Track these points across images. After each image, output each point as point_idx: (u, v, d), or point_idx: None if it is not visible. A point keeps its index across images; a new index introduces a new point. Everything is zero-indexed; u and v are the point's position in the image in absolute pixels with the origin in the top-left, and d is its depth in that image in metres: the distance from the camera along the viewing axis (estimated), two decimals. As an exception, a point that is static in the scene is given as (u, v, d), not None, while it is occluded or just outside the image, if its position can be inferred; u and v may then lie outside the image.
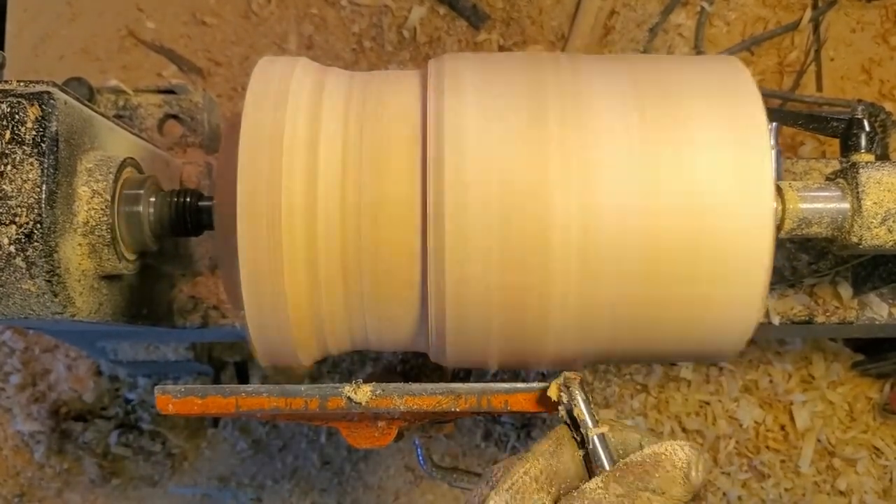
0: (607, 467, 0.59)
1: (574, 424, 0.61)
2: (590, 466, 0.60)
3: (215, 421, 1.26)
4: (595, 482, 0.57)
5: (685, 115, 0.66)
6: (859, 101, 1.05)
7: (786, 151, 1.26)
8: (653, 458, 0.57)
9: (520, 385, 0.66)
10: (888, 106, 1.18)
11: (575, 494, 0.56)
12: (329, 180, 0.63)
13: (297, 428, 1.26)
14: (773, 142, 0.82)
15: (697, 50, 1.30)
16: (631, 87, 0.67)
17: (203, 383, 0.92)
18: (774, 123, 0.84)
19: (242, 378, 1.22)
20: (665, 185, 0.63)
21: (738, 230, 0.64)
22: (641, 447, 0.61)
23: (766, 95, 1.22)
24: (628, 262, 0.64)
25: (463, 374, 0.91)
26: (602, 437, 0.60)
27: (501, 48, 1.33)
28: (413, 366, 1.20)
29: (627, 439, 0.62)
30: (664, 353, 0.73)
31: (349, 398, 0.66)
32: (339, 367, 1.28)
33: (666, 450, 0.57)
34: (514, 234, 0.63)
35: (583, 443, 0.60)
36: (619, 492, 0.55)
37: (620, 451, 0.62)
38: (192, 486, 1.27)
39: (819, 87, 1.31)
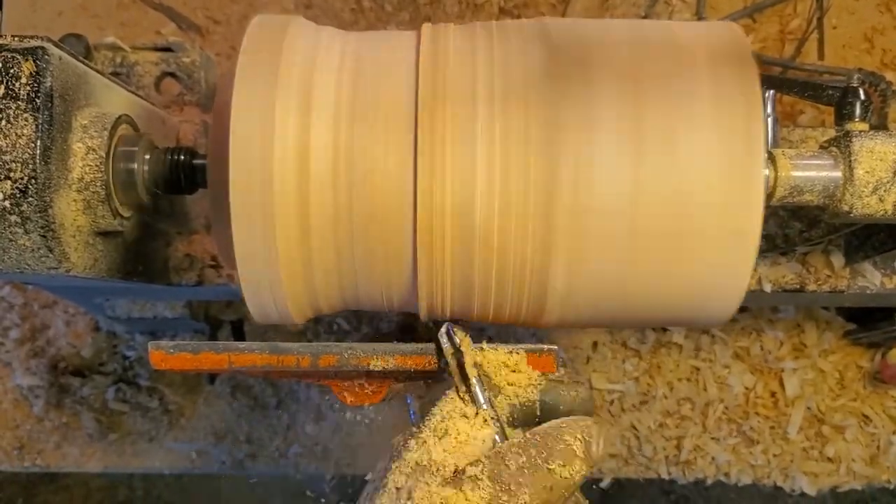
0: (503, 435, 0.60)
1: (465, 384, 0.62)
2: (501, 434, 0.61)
3: (212, 378, 1.28)
4: (494, 452, 0.57)
5: (677, 81, 0.66)
6: (860, 69, 1.04)
7: (785, 120, 1.25)
8: (554, 431, 0.58)
9: (510, 346, 0.67)
10: (889, 75, 1.18)
11: (478, 467, 0.57)
12: (321, 139, 0.63)
13: (293, 385, 1.28)
14: (768, 110, 0.83)
15: (699, 16, 1.29)
16: (626, 53, 0.67)
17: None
18: (771, 91, 0.84)
19: (238, 337, 1.23)
20: (653, 151, 0.64)
21: (728, 196, 0.64)
22: (553, 406, 0.62)
23: (767, 63, 1.23)
24: (617, 228, 0.64)
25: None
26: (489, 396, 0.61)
27: (502, 10, 1.32)
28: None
29: (529, 396, 0.63)
30: (654, 319, 0.74)
31: (341, 354, 0.67)
32: (333, 327, 1.29)
33: (567, 424, 0.58)
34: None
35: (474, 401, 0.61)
36: (521, 462, 0.56)
37: (521, 411, 0.63)
38: (188, 442, 1.28)
39: (821, 56, 1.30)
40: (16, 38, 0.65)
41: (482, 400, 0.61)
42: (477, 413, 0.61)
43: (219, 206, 0.64)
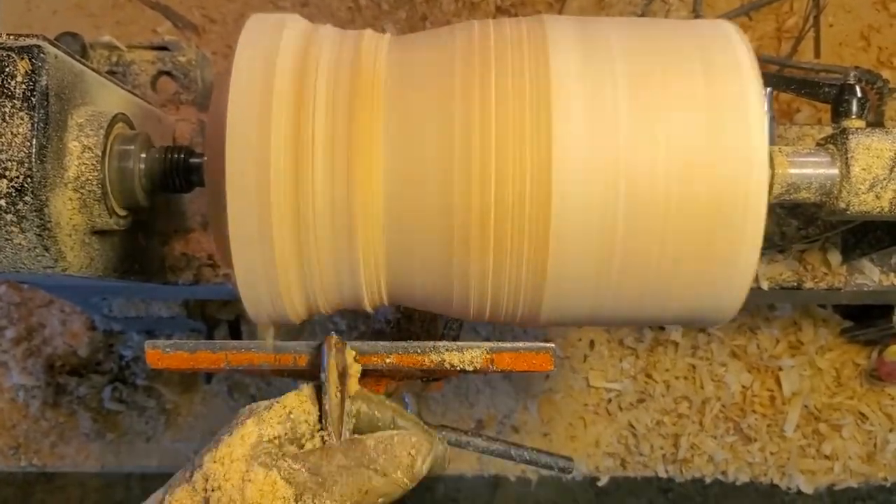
0: (337, 434, 0.61)
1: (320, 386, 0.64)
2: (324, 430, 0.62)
3: (208, 377, 1.28)
4: (321, 449, 0.60)
5: (678, 79, 0.65)
6: (856, 67, 1.05)
7: (781, 118, 1.26)
8: (385, 440, 0.60)
9: (505, 344, 0.67)
10: (886, 73, 1.18)
11: (298, 455, 0.59)
12: (318, 137, 0.63)
13: (290, 383, 1.28)
14: (766, 107, 0.82)
15: (696, 14, 1.29)
16: (622, 50, 0.67)
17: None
18: (769, 89, 0.84)
19: (235, 337, 1.23)
20: (655, 149, 0.63)
21: (730, 194, 0.64)
22: (395, 425, 0.64)
23: (764, 61, 1.23)
24: (617, 228, 0.64)
25: (454, 333, 0.92)
26: (341, 404, 0.63)
27: (499, 9, 1.32)
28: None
29: (383, 415, 0.65)
30: (655, 318, 0.74)
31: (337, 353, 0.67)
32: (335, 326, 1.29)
33: (399, 436, 0.60)
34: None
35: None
36: (342, 463, 0.58)
37: (372, 424, 0.64)
38: (185, 442, 1.28)
39: (817, 54, 1.30)
40: (11, 37, 0.65)
41: (330, 398, 0.63)
42: (321, 409, 0.63)
43: (216, 205, 0.64)
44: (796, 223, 0.93)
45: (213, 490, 0.58)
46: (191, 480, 0.59)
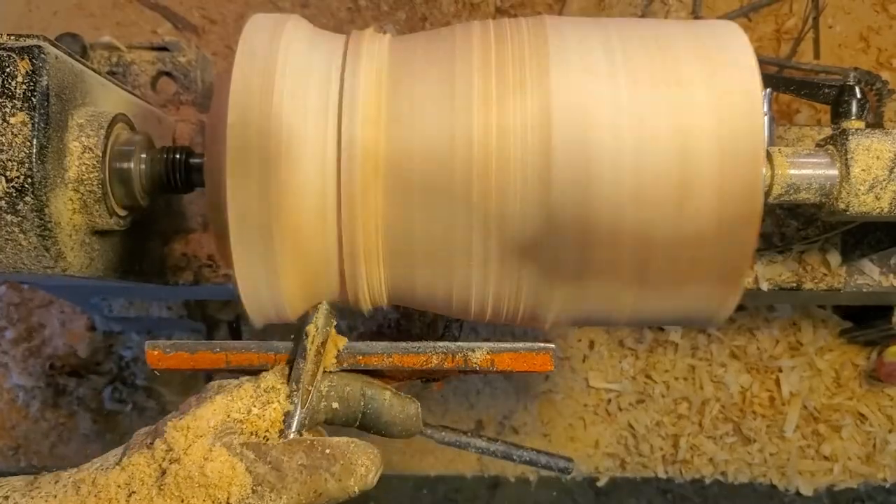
0: (298, 411, 0.62)
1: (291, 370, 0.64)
2: (287, 423, 0.62)
3: (209, 377, 1.27)
4: (284, 444, 0.60)
5: (678, 78, 0.65)
6: (856, 68, 1.05)
7: (781, 119, 1.26)
8: (345, 448, 0.60)
9: (505, 345, 0.67)
10: (885, 75, 1.18)
11: (261, 446, 0.59)
12: (318, 137, 0.63)
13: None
14: (765, 108, 0.83)
15: (695, 15, 1.29)
16: (623, 51, 0.67)
17: (195, 340, 0.93)
18: (768, 90, 0.84)
19: (235, 337, 1.23)
20: (654, 147, 0.63)
21: (727, 194, 0.64)
22: (363, 395, 0.65)
23: (763, 62, 1.22)
24: (618, 227, 0.64)
25: (455, 333, 0.92)
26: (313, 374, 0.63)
27: (499, 10, 1.32)
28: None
29: (352, 387, 0.65)
30: (651, 318, 0.74)
31: (338, 353, 0.67)
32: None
33: (357, 446, 0.61)
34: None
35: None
36: (302, 461, 0.58)
37: (342, 397, 0.65)
38: (185, 442, 1.28)
39: (817, 55, 1.30)
40: (12, 37, 0.65)
41: (306, 364, 0.64)
42: (290, 397, 0.63)
43: (216, 206, 0.64)
44: (796, 224, 0.94)
45: (171, 462, 0.57)
46: (151, 447, 0.58)
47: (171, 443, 0.58)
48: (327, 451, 0.60)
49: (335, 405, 0.65)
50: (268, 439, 0.61)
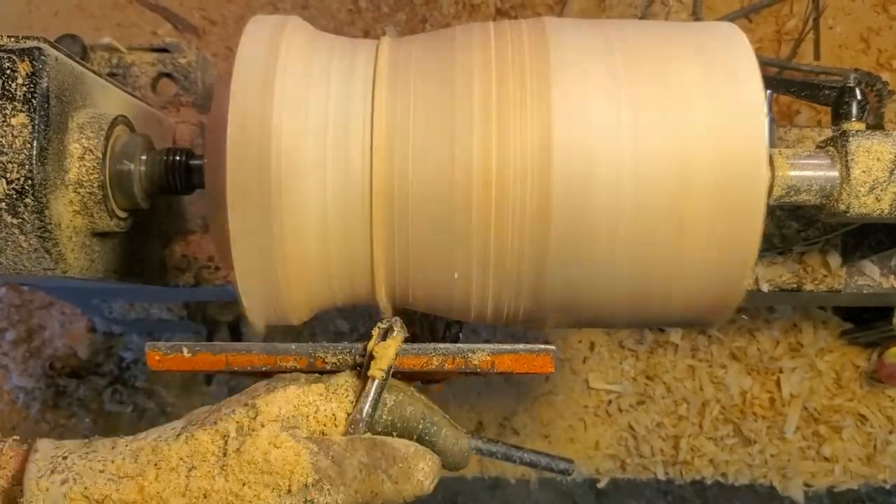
0: (364, 412, 0.61)
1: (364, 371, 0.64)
2: (351, 426, 0.62)
3: (208, 379, 1.28)
4: (347, 440, 0.60)
5: (678, 81, 0.65)
6: (856, 69, 1.05)
7: (781, 120, 1.26)
8: (404, 451, 0.61)
9: (505, 346, 0.67)
10: (885, 76, 1.18)
11: (324, 441, 0.59)
12: (318, 139, 0.63)
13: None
14: (766, 110, 0.83)
15: (696, 16, 1.29)
16: (623, 53, 0.67)
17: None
18: (769, 91, 0.84)
19: (236, 339, 1.23)
20: (656, 150, 0.63)
21: (729, 196, 0.64)
22: (423, 418, 0.64)
23: (763, 64, 1.22)
24: (619, 228, 0.64)
25: (453, 336, 0.92)
26: (379, 390, 0.62)
27: (499, 11, 1.33)
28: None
29: (415, 407, 0.65)
30: (652, 319, 0.74)
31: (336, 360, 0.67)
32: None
33: (418, 451, 0.61)
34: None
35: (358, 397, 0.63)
36: (363, 460, 0.59)
37: (402, 415, 0.64)
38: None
39: (817, 56, 1.30)
40: (12, 39, 0.65)
41: (371, 393, 0.63)
42: (358, 401, 0.62)
43: (216, 207, 0.64)
44: (796, 225, 0.93)
45: (237, 443, 0.57)
46: (215, 426, 0.58)
47: (239, 424, 0.58)
48: (388, 452, 0.60)
49: (396, 421, 0.64)
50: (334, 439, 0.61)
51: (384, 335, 0.65)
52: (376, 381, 0.63)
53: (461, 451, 0.66)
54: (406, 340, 0.67)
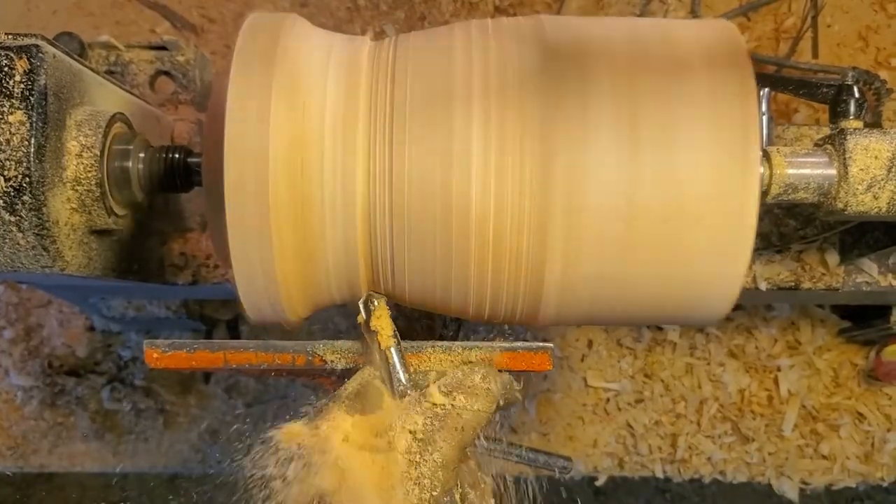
0: (403, 380, 0.64)
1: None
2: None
3: (206, 377, 1.28)
4: (406, 414, 0.63)
5: (674, 81, 0.66)
6: (854, 68, 1.05)
7: (780, 118, 1.26)
8: (461, 375, 0.65)
9: (503, 344, 0.67)
10: (883, 74, 1.18)
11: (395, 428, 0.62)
12: (316, 137, 0.63)
13: (289, 383, 1.28)
14: (763, 108, 0.83)
15: (694, 14, 1.29)
16: (622, 51, 0.67)
17: (194, 339, 0.93)
18: (766, 89, 0.84)
19: (234, 336, 1.23)
20: (650, 151, 0.63)
21: (724, 196, 0.64)
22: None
23: (761, 61, 1.23)
24: (613, 227, 0.64)
25: (452, 333, 0.92)
26: (399, 354, 0.65)
27: (497, 9, 1.32)
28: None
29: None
30: (649, 317, 0.74)
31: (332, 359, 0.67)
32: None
33: (465, 372, 0.66)
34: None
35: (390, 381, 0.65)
36: (430, 414, 0.62)
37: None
38: (183, 442, 1.28)
39: (815, 54, 1.30)
40: (9, 36, 0.65)
41: (398, 368, 0.65)
42: (389, 376, 0.65)
43: (214, 204, 0.64)
44: (794, 223, 0.94)
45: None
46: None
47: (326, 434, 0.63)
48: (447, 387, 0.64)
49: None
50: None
51: (368, 312, 0.66)
52: (393, 349, 0.64)
53: (504, 385, 0.67)
54: (404, 338, 0.67)
